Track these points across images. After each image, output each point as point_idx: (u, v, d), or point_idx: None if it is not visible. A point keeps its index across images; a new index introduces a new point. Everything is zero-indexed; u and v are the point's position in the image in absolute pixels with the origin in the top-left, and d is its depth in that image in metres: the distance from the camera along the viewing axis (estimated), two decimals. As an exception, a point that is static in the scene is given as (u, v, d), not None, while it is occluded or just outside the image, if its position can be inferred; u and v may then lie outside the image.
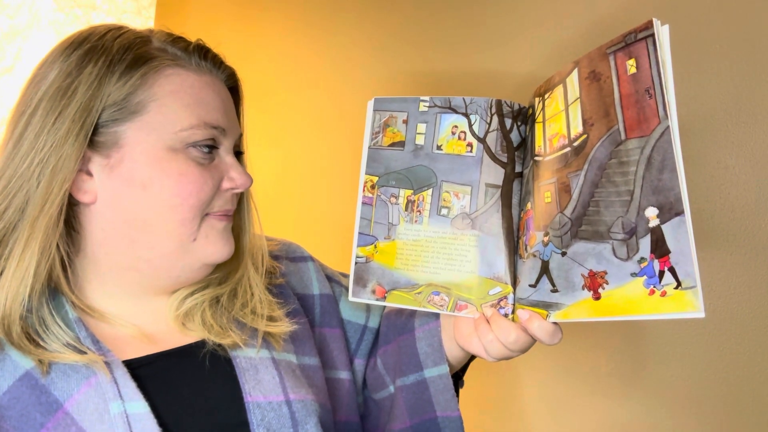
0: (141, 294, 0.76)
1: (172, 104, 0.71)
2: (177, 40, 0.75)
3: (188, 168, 0.71)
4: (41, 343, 0.68)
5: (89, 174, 0.71)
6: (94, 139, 0.70)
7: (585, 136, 0.70)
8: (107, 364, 0.68)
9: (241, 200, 0.82)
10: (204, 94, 0.74)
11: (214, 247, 0.74)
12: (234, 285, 0.80)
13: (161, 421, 0.66)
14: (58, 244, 0.70)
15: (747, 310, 1.02)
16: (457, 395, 0.86)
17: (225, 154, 0.76)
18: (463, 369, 0.89)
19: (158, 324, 0.76)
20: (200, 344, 0.75)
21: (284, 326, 0.79)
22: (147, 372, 0.70)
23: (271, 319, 0.80)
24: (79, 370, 0.67)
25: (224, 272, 0.80)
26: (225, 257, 0.76)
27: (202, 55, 0.76)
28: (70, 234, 0.73)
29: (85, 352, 0.68)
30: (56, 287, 0.72)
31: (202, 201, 0.72)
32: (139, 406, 0.66)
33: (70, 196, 0.71)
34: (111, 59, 0.70)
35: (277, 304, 0.82)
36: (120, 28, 0.74)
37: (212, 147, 0.74)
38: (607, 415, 1.18)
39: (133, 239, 0.72)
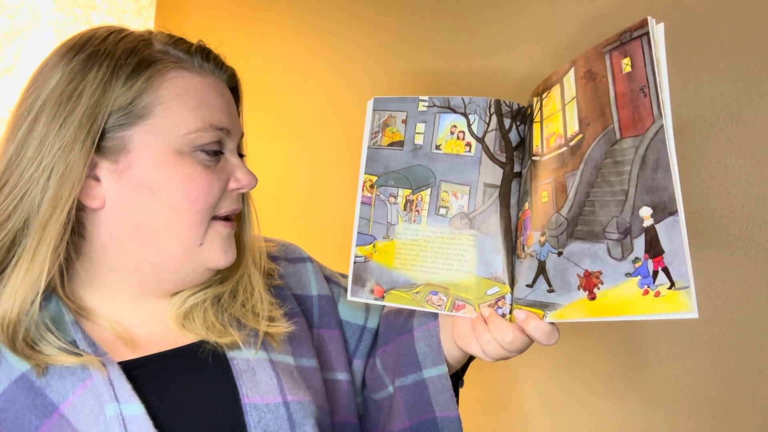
0: (141, 296, 0.76)
1: (178, 107, 0.71)
2: (178, 42, 0.75)
3: (195, 171, 0.71)
4: (37, 347, 0.68)
5: (97, 179, 0.71)
6: (101, 145, 0.69)
7: (581, 135, 0.70)
8: (103, 365, 0.68)
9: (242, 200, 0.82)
10: (208, 95, 0.74)
11: (218, 253, 0.74)
12: (235, 283, 0.80)
13: (157, 423, 0.66)
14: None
15: (747, 310, 1.02)
16: (457, 395, 0.86)
17: (230, 155, 0.76)
18: (463, 369, 0.89)
19: (156, 325, 0.76)
20: (197, 345, 0.75)
21: (283, 327, 0.79)
22: (143, 373, 0.70)
23: (270, 319, 0.80)
24: (74, 372, 0.67)
25: (226, 271, 0.80)
26: (228, 263, 0.76)
27: (204, 57, 0.75)
28: (73, 238, 0.72)
29: (81, 354, 0.68)
30: (53, 290, 0.72)
31: (209, 204, 0.73)
32: (134, 408, 0.66)
33: (78, 202, 0.70)
34: (115, 63, 0.69)
35: (275, 305, 0.82)
36: (121, 30, 0.73)
37: (218, 151, 0.74)
38: (606, 415, 1.17)
39: (140, 243, 0.72)
